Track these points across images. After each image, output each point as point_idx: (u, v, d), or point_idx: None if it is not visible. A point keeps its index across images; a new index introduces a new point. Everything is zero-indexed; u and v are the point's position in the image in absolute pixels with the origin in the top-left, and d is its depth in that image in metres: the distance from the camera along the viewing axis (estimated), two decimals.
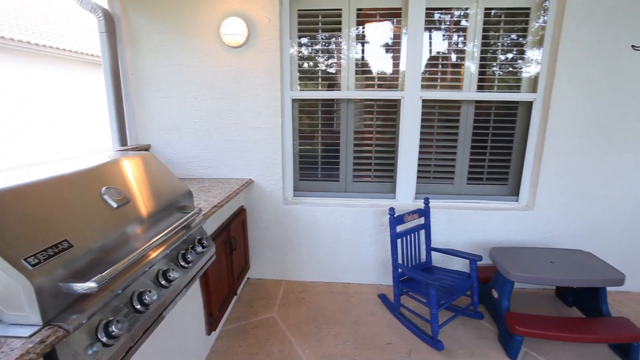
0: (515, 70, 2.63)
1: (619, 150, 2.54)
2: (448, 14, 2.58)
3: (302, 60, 2.68)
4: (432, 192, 2.81)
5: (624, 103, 2.46)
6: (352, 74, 2.66)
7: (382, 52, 2.65)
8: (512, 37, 2.59)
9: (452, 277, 2.37)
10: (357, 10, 2.56)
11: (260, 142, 2.65)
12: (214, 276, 2.03)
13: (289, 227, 2.81)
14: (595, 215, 2.66)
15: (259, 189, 2.74)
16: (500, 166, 2.77)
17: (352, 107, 2.73)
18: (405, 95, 2.59)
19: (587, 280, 2.09)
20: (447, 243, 2.74)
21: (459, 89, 2.64)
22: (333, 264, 2.86)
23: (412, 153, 2.69)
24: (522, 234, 2.71)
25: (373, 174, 2.84)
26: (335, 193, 2.86)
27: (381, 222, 2.73)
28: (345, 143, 2.78)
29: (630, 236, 2.69)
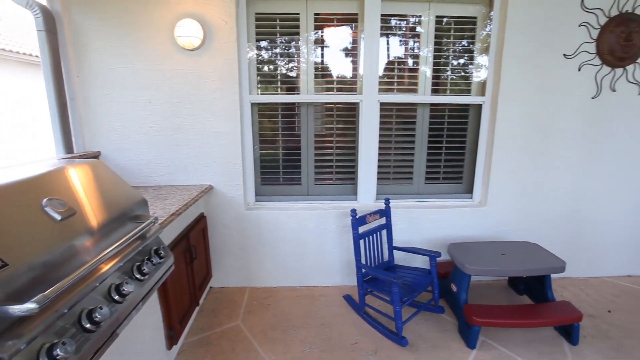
0: (466, 74, 2.80)
1: (557, 149, 2.78)
2: (404, 20, 2.68)
3: (261, 64, 2.66)
4: (392, 192, 2.90)
5: (558, 106, 2.70)
6: (312, 78, 2.68)
7: (341, 57, 2.70)
8: (462, 44, 2.74)
9: (414, 274, 2.45)
10: (315, 14, 2.59)
11: (220, 147, 2.59)
12: (173, 287, 1.94)
13: (251, 233, 2.76)
14: (540, 209, 2.88)
15: (219, 195, 2.67)
16: (455, 166, 2.92)
17: (312, 111, 2.74)
18: (363, 99, 2.66)
19: (534, 270, 2.26)
20: (408, 241, 2.84)
21: (415, 92, 2.76)
22: (297, 267, 2.85)
23: (372, 155, 2.75)
24: (476, 229, 2.87)
25: (335, 176, 2.87)
26: (298, 197, 2.85)
27: (344, 224, 2.76)
28: (307, 146, 2.79)
29: (569, 227, 2.94)
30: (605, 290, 2.85)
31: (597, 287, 2.91)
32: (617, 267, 3.07)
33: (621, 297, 2.77)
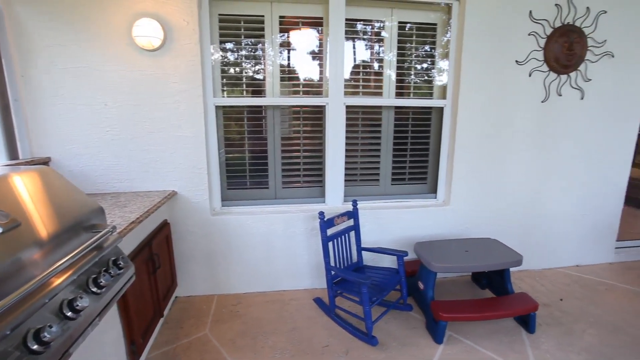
0: (429, 78, 2.90)
1: (512, 149, 2.95)
2: (369, 25, 2.74)
3: (226, 66, 2.61)
4: (359, 194, 2.94)
5: (513, 109, 2.86)
6: (278, 81, 2.66)
7: (307, 59, 2.70)
8: (425, 49, 2.84)
9: (382, 273, 2.50)
10: (280, 17, 2.58)
11: (183, 152, 2.50)
12: (135, 299, 1.84)
13: (218, 238, 2.69)
14: (498, 206, 3.04)
15: (184, 200, 2.58)
16: (420, 167, 3.02)
17: (278, 114, 2.72)
18: (329, 102, 2.68)
19: (494, 264, 2.37)
20: (376, 242, 2.88)
21: (380, 95, 2.82)
22: (267, 272, 2.81)
23: (338, 157, 2.78)
24: (441, 228, 2.97)
25: (302, 179, 2.87)
26: (265, 201, 2.82)
27: (312, 227, 2.76)
28: (273, 150, 2.77)
29: (525, 223, 3.13)
30: (558, 280, 3.06)
31: (551, 277, 3.11)
32: (567, 258, 3.31)
33: (571, 285, 2.98)
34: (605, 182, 3.21)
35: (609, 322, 2.48)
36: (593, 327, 2.42)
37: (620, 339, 2.30)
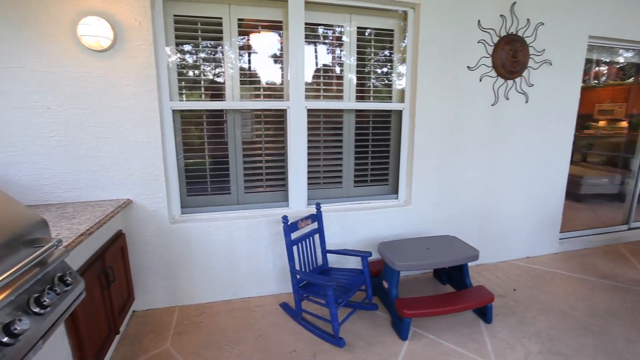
0: (388, 82, 2.99)
1: (467, 150, 3.11)
2: (330, 29, 2.77)
3: (184, 69, 2.52)
4: (323, 196, 2.96)
5: (466, 111, 3.03)
6: (237, 84, 2.62)
7: (267, 63, 2.68)
8: (385, 54, 2.93)
9: (347, 275, 2.52)
10: (239, 20, 2.54)
11: (138, 158, 2.37)
12: (86, 316, 1.72)
13: (178, 247, 2.58)
14: (455, 204, 3.19)
15: (140, 209, 2.45)
16: (381, 168, 3.09)
17: (239, 118, 2.68)
18: (291, 105, 2.67)
19: (453, 260, 2.47)
20: (341, 244, 2.91)
21: (341, 99, 2.86)
22: (231, 280, 2.74)
23: (301, 161, 2.78)
24: (403, 227, 3.06)
25: (265, 183, 2.83)
26: (228, 206, 2.75)
27: (277, 231, 2.73)
28: (234, 154, 2.71)
29: (480, 219, 3.31)
30: (511, 272, 3.26)
31: (505, 270, 3.31)
32: (518, 251, 3.54)
33: (523, 276, 3.18)
34: (548, 178, 3.47)
35: (556, 308, 2.68)
36: (542, 314, 2.60)
37: (566, 322, 2.49)
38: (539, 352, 2.19)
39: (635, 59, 3.96)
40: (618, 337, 2.35)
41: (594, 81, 4.60)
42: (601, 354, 2.18)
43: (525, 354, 2.18)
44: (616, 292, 2.92)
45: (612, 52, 3.79)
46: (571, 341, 2.30)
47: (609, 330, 2.42)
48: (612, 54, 3.84)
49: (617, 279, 3.16)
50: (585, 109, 4.39)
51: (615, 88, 4.45)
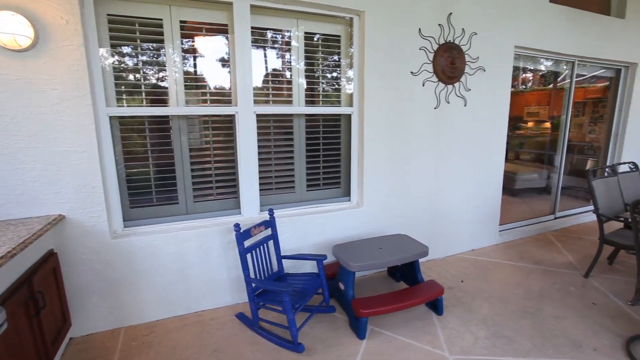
0: (337, 87, 3.04)
1: (413, 152, 3.25)
2: (279, 34, 2.76)
3: (122, 72, 2.36)
4: (276, 202, 2.93)
5: (411, 115, 3.17)
6: (182, 89, 2.51)
7: (215, 67, 2.60)
8: (334, 59, 2.97)
9: (304, 279, 2.51)
10: (181, 22, 2.44)
11: (71, 169, 2.16)
12: (9, 350, 1.52)
13: (122, 264, 2.39)
14: (405, 203, 3.32)
15: (75, 225, 2.23)
16: (333, 171, 3.13)
17: (185, 124, 2.56)
18: (239, 111, 2.61)
19: (405, 258, 2.56)
20: (296, 249, 2.89)
21: (290, 104, 2.85)
22: (183, 294, 2.60)
23: (252, 167, 2.72)
24: (357, 229, 3.12)
25: (215, 191, 2.74)
26: (176, 217, 2.61)
27: (229, 240, 2.64)
28: (181, 162, 2.59)
29: (429, 217, 3.48)
30: (458, 265, 3.46)
31: (453, 263, 3.51)
32: (464, 244, 3.77)
33: (469, 268, 3.39)
34: (487, 176, 3.75)
35: (498, 294, 2.89)
36: (487, 301, 2.79)
37: (507, 308, 2.70)
38: (485, 337, 2.35)
39: (554, 68, 4.43)
40: (549, 315, 2.60)
41: (522, 86, 5.07)
42: (537, 332, 2.39)
43: (474, 340, 2.32)
44: (547, 276, 3.23)
45: (535, 60, 4.21)
46: (512, 324, 2.49)
47: (542, 310, 2.66)
48: (535, 63, 4.27)
49: (547, 263, 3.49)
50: (515, 111, 4.82)
51: (540, 93, 4.95)
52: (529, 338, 2.34)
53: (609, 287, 3.01)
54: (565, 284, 3.08)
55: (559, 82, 4.56)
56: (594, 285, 3.05)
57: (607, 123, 4.98)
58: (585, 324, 2.50)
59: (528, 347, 2.25)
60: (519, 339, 2.33)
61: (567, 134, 4.54)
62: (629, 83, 4.77)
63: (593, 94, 5.05)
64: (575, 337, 2.35)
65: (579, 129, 5.13)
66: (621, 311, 2.66)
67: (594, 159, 5.17)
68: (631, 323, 2.51)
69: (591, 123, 5.13)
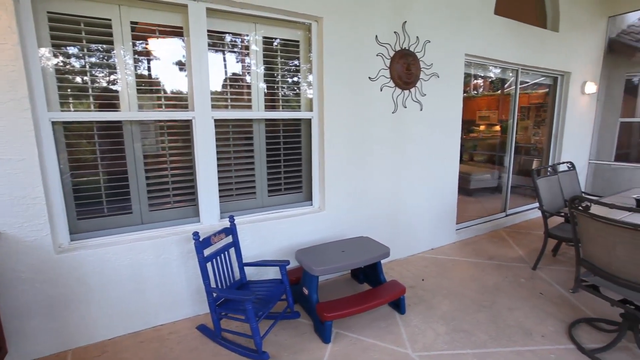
0: (297, 91, 3.04)
1: (373, 155, 3.33)
2: (238, 38, 2.72)
3: (67, 75, 2.21)
4: (237, 209, 2.87)
5: (370, 119, 3.25)
6: (135, 93, 2.39)
7: (170, 70, 2.51)
8: (294, 64, 2.98)
9: (267, 286, 2.47)
10: (132, 23, 2.33)
11: (6, 179, 1.97)
12: None
13: (68, 280, 2.22)
14: (367, 206, 3.38)
15: (11, 241, 2.04)
16: (295, 176, 3.13)
17: (138, 130, 2.44)
18: (196, 116, 2.54)
19: (367, 259, 2.60)
20: (258, 255, 2.84)
21: (250, 108, 2.82)
22: (138, 309, 2.45)
23: (211, 173, 2.65)
24: (320, 233, 3.13)
25: (172, 199, 2.63)
26: (130, 227, 2.47)
27: (188, 249, 2.54)
28: (134, 170, 2.46)
29: (390, 218, 3.56)
30: (419, 264, 3.57)
31: (414, 262, 3.62)
32: (424, 243, 3.91)
33: (429, 266, 3.52)
34: (443, 177, 3.93)
35: (456, 291, 3.02)
36: (446, 298, 2.90)
37: (465, 303, 2.82)
38: (445, 333, 2.43)
39: (501, 75, 4.75)
40: (503, 307, 2.75)
41: (474, 92, 5.38)
42: (492, 324, 2.52)
43: (435, 336, 2.39)
44: (500, 270, 3.42)
45: (485, 68, 4.48)
46: (469, 318, 2.61)
47: (496, 303, 2.81)
48: (485, 70, 4.55)
49: (500, 258, 3.71)
50: (468, 115, 5.10)
51: (489, 98, 5.28)
52: (485, 330, 2.46)
53: (554, 277, 3.25)
54: (516, 276, 3.28)
55: (506, 88, 4.89)
56: (541, 277, 3.28)
57: (548, 126, 5.40)
58: (534, 313, 2.67)
59: (485, 339, 2.36)
60: (476, 332, 2.44)
61: (515, 137, 4.87)
62: (564, 90, 5.22)
63: (535, 100, 5.47)
64: (526, 326, 2.50)
65: (525, 131, 5.53)
66: (564, 299, 2.87)
67: (538, 160, 5.59)
68: (573, 309, 2.72)
69: (535, 126, 5.55)
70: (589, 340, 2.35)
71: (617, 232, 1.94)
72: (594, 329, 2.47)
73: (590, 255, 2.19)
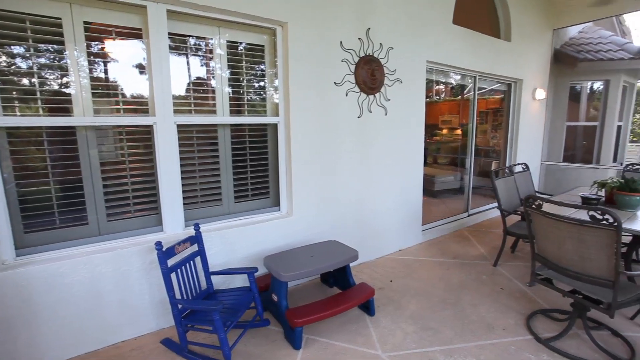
0: (262, 96, 3.02)
1: (340, 159, 3.36)
2: (202, 41, 2.65)
3: (10, 76, 2.05)
4: (202, 216, 2.78)
5: (337, 124, 3.28)
6: (90, 97, 2.27)
7: (129, 74, 2.41)
8: (260, 68, 2.95)
9: (235, 294, 2.41)
10: (85, 23, 2.22)
11: None
12: None
13: (14, 299, 2.03)
14: (335, 210, 3.40)
15: None
16: (262, 182, 3.09)
17: (94, 136, 2.32)
18: (157, 121, 2.44)
19: (336, 263, 2.61)
20: (225, 263, 2.77)
21: (214, 113, 2.76)
22: (96, 326, 2.30)
23: (174, 180, 2.56)
24: (287, 238, 3.10)
25: (133, 208, 2.51)
26: (86, 239, 2.33)
27: (151, 260, 2.43)
28: (90, 178, 2.33)
29: (358, 221, 3.61)
30: (387, 265, 3.64)
31: (382, 264, 3.68)
32: (392, 245, 3.99)
33: (397, 267, 3.59)
34: (409, 179, 4.04)
35: (423, 290, 3.10)
36: (414, 297, 2.97)
37: (431, 301, 2.90)
38: (413, 332, 2.49)
39: (461, 81, 4.98)
40: (467, 304, 2.86)
41: (436, 97, 5.61)
42: (457, 321, 2.61)
43: (404, 336, 2.44)
44: (464, 268, 3.56)
45: (446, 74, 4.68)
46: (436, 316, 2.69)
47: (461, 300, 2.92)
48: (446, 76, 4.75)
49: (463, 257, 3.86)
50: (432, 119, 5.31)
51: (451, 103, 5.52)
52: (451, 327, 2.54)
53: (513, 273, 3.43)
54: (479, 273, 3.43)
55: (465, 93, 5.14)
56: (501, 273, 3.45)
57: (504, 130, 5.73)
58: (495, 307, 2.80)
59: (451, 336, 2.44)
60: (443, 329, 2.51)
61: (475, 140, 5.11)
62: (517, 96, 5.57)
63: (493, 105, 5.80)
64: (488, 320, 2.61)
65: (484, 135, 5.83)
66: (523, 292, 3.04)
67: (497, 161, 5.91)
68: (530, 302, 2.88)
69: (493, 130, 5.87)
70: (545, 329, 2.49)
71: (565, 228, 2.08)
72: (548, 319, 2.62)
73: (544, 250, 2.33)
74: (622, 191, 2.94)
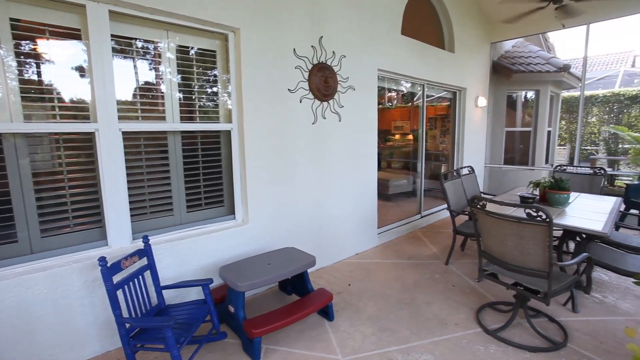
0: (215, 103, 2.94)
1: (295, 166, 3.37)
2: (151, 44, 2.53)
3: None
4: (152, 227, 2.64)
5: (291, 130, 3.29)
6: (19, 101, 2.07)
7: (67, 77, 2.23)
8: (213, 74, 2.87)
9: (188, 308, 2.30)
10: (12, 20, 2.03)
11: None
12: None
13: None
14: (291, 217, 3.39)
15: None
16: (215, 190, 3.00)
17: (24, 144, 2.11)
18: (100, 128, 2.29)
19: (293, 270, 2.59)
20: (178, 276, 2.64)
21: (163, 120, 2.64)
22: (27, 354, 2.07)
23: (120, 191, 2.40)
24: (244, 247, 3.03)
25: (72, 222, 2.31)
26: (16, 258, 2.10)
27: (94, 277, 2.25)
28: (20, 190, 2.11)
29: (315, 227, 3.62)
30: (345, 270, 3.69)
31: (340, 269, 3.72)
32: (349, 249, 4.05)
33: (354, 271, 3.65)
34: (364, 184, 4.14)
35: (380, 292, 3.18)
36: (371, 300, 3.03)
37: (388, 302, 2.98)
38: (372, 334, 2.53)
39: (411, 89, 5.22)
40: (421, 302, 2.98)
41: (389, 104, 5.83)
42: (413, 320, 2.71)
43: (363, 338, 2.48)
44: (418, 268, 3.71)
45: (397, 82, 4.89)
46: (393, 316, 2.76)
47: (416, 299, 3.03)
48: (397, 84, 4.96)
49: (417, 257, 4.02)
50: (384, 125, 5.50)
51: (402, 109, 5.77)
52: (407, 326, 2.63)
53: (463, 270, 3.64)
54: (432, 273, 3.59)
55: (415, 100, 5.40)
56: (452, 270, 3.63)
57: (451, 135, 6.09)
58: (448, 304, 2.94)
59: (407, 335, 2.52)
60: (400, 329, 2.59)
61: (425, 145, 5.37)
62: (462, 103, 5.96)
63: (440, 111, 6.15)
64: (442, 317, 2.74)
65: (434, 140, 6.16)
66: (472, 288, 3.22)
67: (445, 165, 6.25)
68: (479, 296, 3.06)
69: (441, 135, 6.21)
70: (492, 321, 2.66)
71: (506, 225, 2.25)
72: (495, 311, 2.81)
73: (489, 247, 2.50)
74: (553, 190, 3.25)
